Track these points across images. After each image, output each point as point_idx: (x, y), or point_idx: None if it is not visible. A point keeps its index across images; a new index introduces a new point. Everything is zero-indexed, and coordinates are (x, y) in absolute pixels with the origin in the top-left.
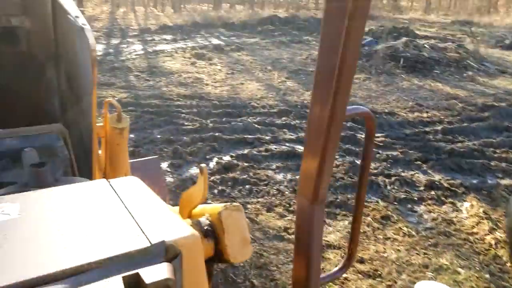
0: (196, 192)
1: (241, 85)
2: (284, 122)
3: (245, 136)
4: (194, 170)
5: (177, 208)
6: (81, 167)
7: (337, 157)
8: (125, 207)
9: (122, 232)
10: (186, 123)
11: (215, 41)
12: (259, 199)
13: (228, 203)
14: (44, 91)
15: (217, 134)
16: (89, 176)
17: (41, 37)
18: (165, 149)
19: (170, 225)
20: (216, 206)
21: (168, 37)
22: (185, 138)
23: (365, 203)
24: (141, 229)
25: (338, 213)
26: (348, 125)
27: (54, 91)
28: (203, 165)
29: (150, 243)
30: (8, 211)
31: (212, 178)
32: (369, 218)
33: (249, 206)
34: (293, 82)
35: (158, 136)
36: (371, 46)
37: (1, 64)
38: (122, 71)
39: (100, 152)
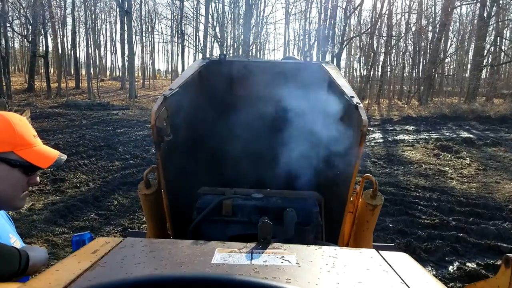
0: (492, 287)
1: (496, 184)
2: None
3: (498, 244)
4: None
5: None
6: (327, 236)
7: None
8: (401, 278)
9: None
10: (423, 216)
11: (464, 134)
12: None
13: None
14: (304, 161)
15: (460, 235)
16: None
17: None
18: (397, 240)
19: None
20: None
21: (411, 127)
22: (420, 232)
23: None
24: None
25: None
26: None
27: (311, 163)
28: (510, 255)
29: None
30: (287, 259)
31: (450, 284)
32: None
33: None
34: None
35: (391, 225)
36: None
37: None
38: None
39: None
